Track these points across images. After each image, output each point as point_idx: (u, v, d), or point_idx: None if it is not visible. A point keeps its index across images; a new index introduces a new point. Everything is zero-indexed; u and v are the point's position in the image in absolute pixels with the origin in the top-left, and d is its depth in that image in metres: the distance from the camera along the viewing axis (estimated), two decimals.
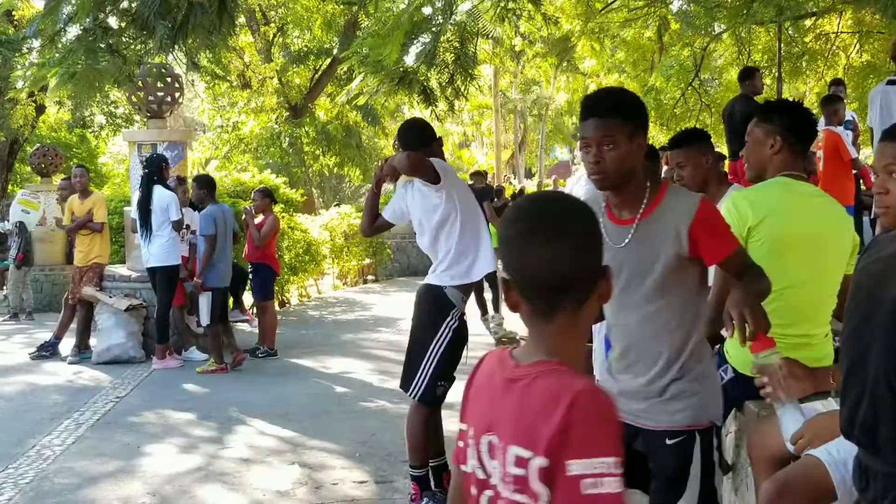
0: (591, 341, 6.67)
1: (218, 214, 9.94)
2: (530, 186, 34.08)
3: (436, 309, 5.30)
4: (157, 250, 10.08)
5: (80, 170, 11.53)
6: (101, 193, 11.34)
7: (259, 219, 11.04)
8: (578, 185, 9.11)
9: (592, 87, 31.37)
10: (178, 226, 10.20)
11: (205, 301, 9.86)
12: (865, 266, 2.67)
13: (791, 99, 5.36)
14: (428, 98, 9.50)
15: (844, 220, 3.99)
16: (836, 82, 12.16)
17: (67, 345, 10.81)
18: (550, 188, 26.12)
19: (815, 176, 9.67)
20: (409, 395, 5.39)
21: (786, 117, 4.06)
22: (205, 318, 9.94)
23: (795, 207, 3.88)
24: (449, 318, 5.27)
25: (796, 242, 3.84)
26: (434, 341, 5.25)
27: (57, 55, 7.96)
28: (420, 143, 5.42)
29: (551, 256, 1.76)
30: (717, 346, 4.31)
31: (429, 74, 9.25)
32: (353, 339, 12.35)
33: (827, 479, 3.01)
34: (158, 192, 10.15)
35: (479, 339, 11.59)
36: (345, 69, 18.79)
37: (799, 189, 3.93)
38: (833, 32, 17.94)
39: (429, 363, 5.26)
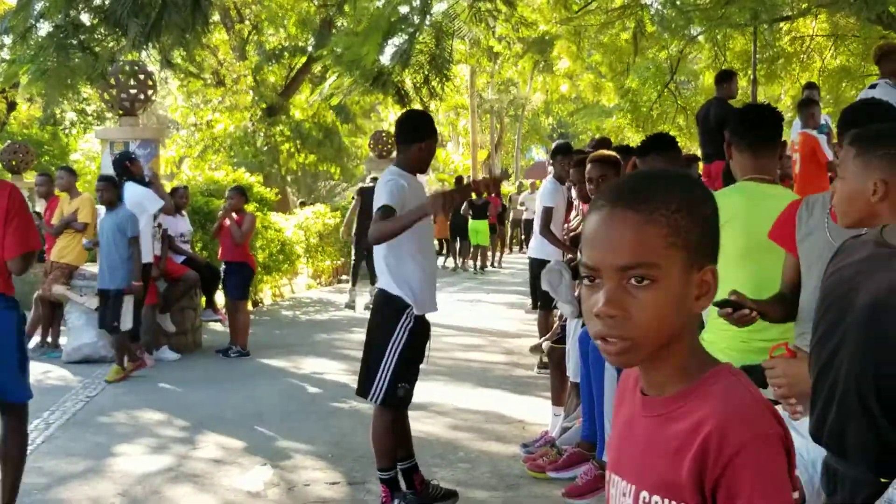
0: (563, 342, 6.67)
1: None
2: (507, 187, 34.08)
3: (389, 311, 5.27)
4: None
5: (62, 171, 11.47)
6: (89, 195, 11.23)
7: (236, 217, 10.96)
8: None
9: (565, 89, 31.52)
10: (167, 208, 10.33)
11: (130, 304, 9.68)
12: (834, 272, 2.68)
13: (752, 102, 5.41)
14: (402, 99, 9.48)
15: None
16: (810, 86, 12.23)
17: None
18: (527, 192, 26.17)
19: (792, 179, 9.72)
20: (370, 400, 5.39)
21: (730, 123, 4.15)
22: (128, 322, 9.69)
23: (757, 212, 3.87)
24: (404, 319, 5.25)
25: (759, 247, 3.85)
26: (390, 344, 5.24)
27: (29, 52, 7.88)
28: (407, 139, 5.39)
29: None
30: None
31: (403, 75, 9.23)
32: (326, 340, 12.31)
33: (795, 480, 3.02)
34: (129, 189, 10.07)
35: (452, 340, 11.59)
36: (320, 68, 18.77)
37: (762, 192, 3.92)
38: (808, 35, 18.05)
39: (387, 366, 5.25)
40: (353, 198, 16.52)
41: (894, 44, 10.48)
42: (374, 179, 16.41)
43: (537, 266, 8.71)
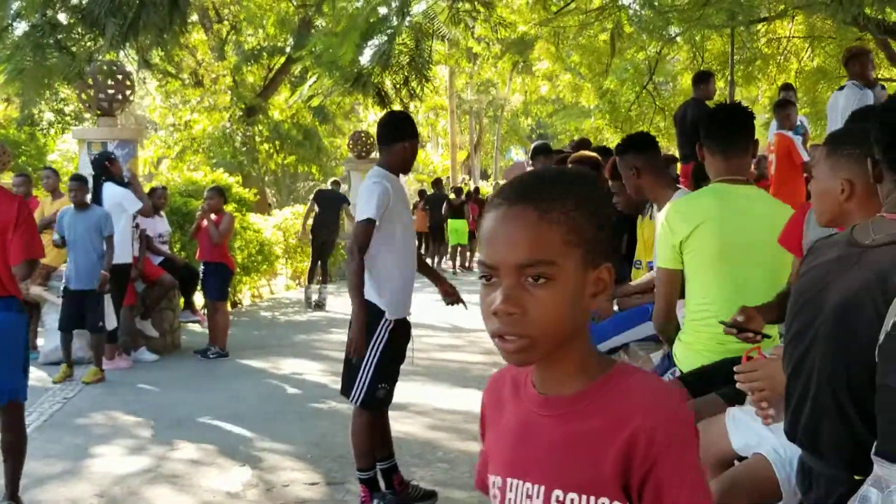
0: None
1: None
2: (486, 187, 34.09)
3: (369, 315, 5.28)
4: None
5: (48, 171, 11.45)
6: None
7: (214, 217, 10.93)
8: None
9: (545, 90, 31.54)
10: (146, 211, 10.32)
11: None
12: (806, 272, 2.71)
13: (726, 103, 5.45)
14: (382, 100, 9.47)
15: (783, 218, 3.98)
16: (786, 87, 12.30)
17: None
18: None
19: (768, 180, 9.79)
20: (351, 401, 5.40)
21: (702, 124, 4.20)
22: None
23: (729, 213, 3.90)
24: (383, 321, 5.28)
25: (734, 248, 3.89)
26: (370, 345, 5.26)
27: (5, 52, 7.83)
28: (390, 140, 5.40)
29: None
30: (666, 349, 4.36)
31: (383, 76, 9.22)
32: (305, 340, 12.29)
33: (772, 479, 3.05)
34: (108, 189, 10.05)
35: (431, 340, 11.60)
36: (299, 69, 18.72)
37: (735, 193, 3.94)
38: (785, 37, 18.15)
39: (367, 368, 5.27)
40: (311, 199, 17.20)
41: (861, 47, 10.58)
42: (336, 183, 17.77)
43: None
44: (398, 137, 5.38)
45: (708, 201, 4.00)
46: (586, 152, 6.85)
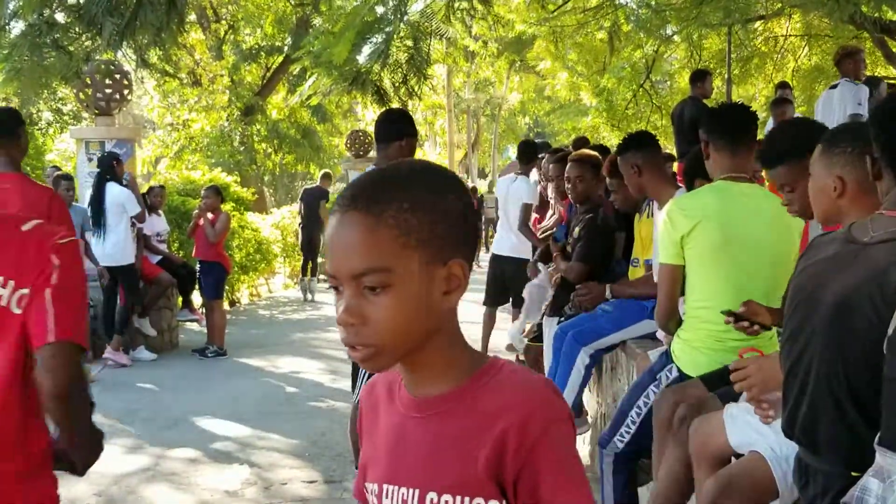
0: (540, 340, 6.70)
1: None
2: (483, 186, 34.09)
3: None
4: (112, 249, 10.04)
5: (51, 170, 11.50)
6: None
7: (210, 216, 10.94)
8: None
9: (547, 90, 31.52)
10: (141, 217, 10.33)
11: None
12: (804, 268, 2.71)
13: (726, 102, 5.48)
14: (381, 98, 9.48)
15: (786, 217, 3.99)
16: (783, 85, 12.30)
17: None
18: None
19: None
20: (355, 400, 5.40)
21: (705, 122, 4.23)
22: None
23: (730, 210, 3.92)
24: None
25: (735, 244, 3.90)
26: None
27: (3, 51, 7.84)
28: (388, 138, 5.39)
29: None
30: (665, 348, 4.37)
31: (382, 74, 9.23)
32: (303, 339, 12.29)
33: (769, 476, 3.06)
34: (112, 189, 10.09)
35: None
36: (298, 69, 18.71)
37: (736, 191, 3.96)
38: (782, 35, 18.14)
39: None
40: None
41: (854, 45, 10.59)
42: (326, 177, 18.20)
43: (513, 265, 8.75)
44: (395, 135, 5.37)
45: (709, 199, 4.01)
46: (586, 150, 6.85)
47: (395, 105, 9.31)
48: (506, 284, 8.99)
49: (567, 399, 5.32)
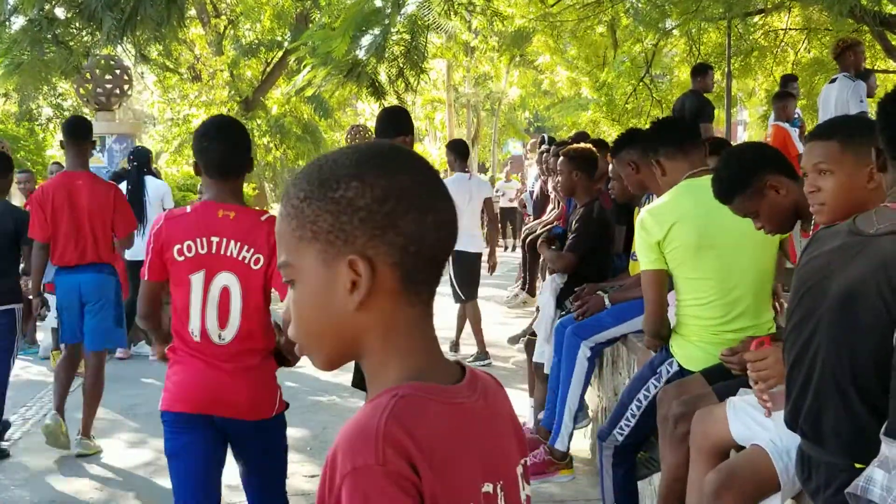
0: (534, 334, 6.69)
1: None
2: (499, 176, 34.08)
3: None
4: (143, 243, 9.97)
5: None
6: None
7: None
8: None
9: (546, 84, 31.51)
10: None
11: None
12: (808, 261, 2.71)
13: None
14: (377, 91, 9.48)
15: None
16: (788, 78, 12.24)
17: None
18: (502, 181, 26.21)
19: None
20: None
21: (650, 140, 4.41)
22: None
23: (702, 207, 3.91)
24: None
25: (714, 237, 3.93)
26: None
27: (2, 46, 7.85)
28: (389, 134, 5.40)
29: None
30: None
31: (378, 67, 9.22)
32: None
33: (770, 469, 3.06)
34: (152, 183, 10.09)
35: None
36: (294, 61, 18.70)
37: (704, 184, 3.85)
38: (782, 29, 18.13)
39: None
40: None
41: (852, 39, 10.59)
42: None
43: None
44: (397, 132, 5.39)
45: (679, 200, 4.04)
46: (575, 146, 6.87)
47: (391, 98, 9.32)
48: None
49: (575, 393, 5.36)
